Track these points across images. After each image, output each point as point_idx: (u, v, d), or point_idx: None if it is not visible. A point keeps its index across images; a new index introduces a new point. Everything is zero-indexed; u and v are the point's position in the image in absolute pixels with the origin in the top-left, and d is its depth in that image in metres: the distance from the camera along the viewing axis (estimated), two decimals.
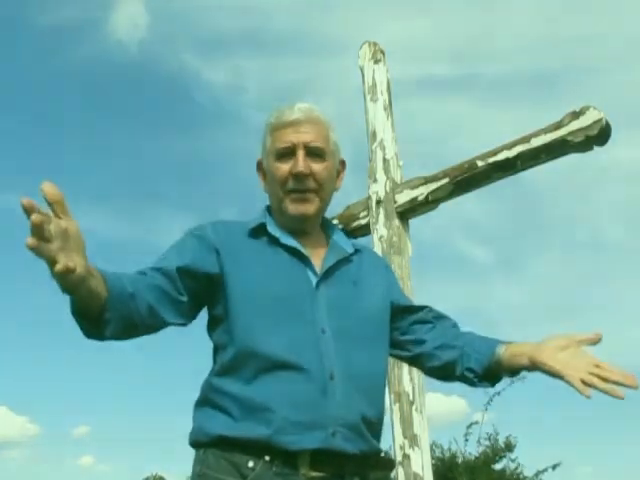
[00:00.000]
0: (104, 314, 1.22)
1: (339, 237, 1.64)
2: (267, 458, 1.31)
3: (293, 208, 1.53)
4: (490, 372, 1.50)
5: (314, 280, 1.49)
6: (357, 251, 1.62)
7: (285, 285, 1.45)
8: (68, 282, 1.08)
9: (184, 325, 1.45)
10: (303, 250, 1.52)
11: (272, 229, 1.54)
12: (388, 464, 1.55)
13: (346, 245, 1.62)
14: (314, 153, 1.53)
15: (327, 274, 1.51)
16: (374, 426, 1.45)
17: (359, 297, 1.53)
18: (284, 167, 1.53)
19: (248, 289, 1.44)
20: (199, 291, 1.45)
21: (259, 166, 1.65)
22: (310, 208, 1.54)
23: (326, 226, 1.66)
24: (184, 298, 1.41)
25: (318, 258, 1.54)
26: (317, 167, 1.53)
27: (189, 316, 1.46)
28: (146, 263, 1.43)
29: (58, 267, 1.01)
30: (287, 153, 1.53)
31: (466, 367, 1.52)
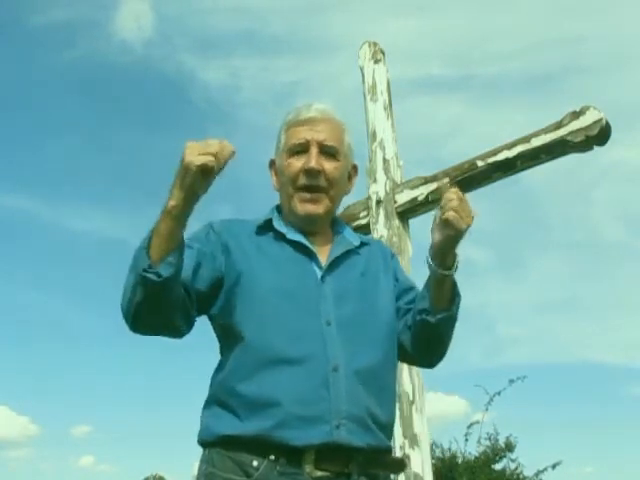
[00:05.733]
0: (169, 257, 1.26)
1: (346, 232, 1.62)
2: (272, 457, 1.29)
3: (302, 208, 1.51)
4: (435, 289, 1.45)
5: (319, 273, 1.47)
6: (364, 244, 1.61)
7: (291, 280, 1.44)
8: (195, 191, 1.26)
9: (188, 328, 1.41)
10: (308, 244, 1.51)
11: (278, 225, 1.53)
12: (398, 465, 1.51)
13: (353, 238, 1.60)
14: (327, 152, 1.52)
15: (332, 266, 1.49)
16: (382, 422, 1.41)
17: (367, 288, 1.51)
18: (297, 163, 1.51)
19: (254, 286, 1.42)
20: (209, 288, 1.42)
21: (271, 165, 1.63)
22: (319, 209, 1.52)
23: (335, 224, 1.64)
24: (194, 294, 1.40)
25: (324, 253, 1.52)
26: (329, 166, 1.51)
27: (192, 319, 1.41)
28: None
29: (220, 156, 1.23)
30: (301, 150, 1.52)
31: (418, 310, 1.48)
